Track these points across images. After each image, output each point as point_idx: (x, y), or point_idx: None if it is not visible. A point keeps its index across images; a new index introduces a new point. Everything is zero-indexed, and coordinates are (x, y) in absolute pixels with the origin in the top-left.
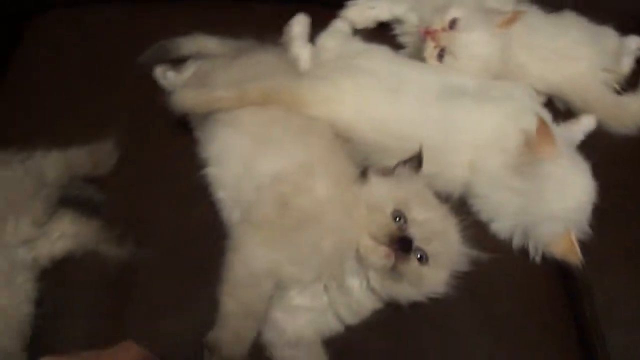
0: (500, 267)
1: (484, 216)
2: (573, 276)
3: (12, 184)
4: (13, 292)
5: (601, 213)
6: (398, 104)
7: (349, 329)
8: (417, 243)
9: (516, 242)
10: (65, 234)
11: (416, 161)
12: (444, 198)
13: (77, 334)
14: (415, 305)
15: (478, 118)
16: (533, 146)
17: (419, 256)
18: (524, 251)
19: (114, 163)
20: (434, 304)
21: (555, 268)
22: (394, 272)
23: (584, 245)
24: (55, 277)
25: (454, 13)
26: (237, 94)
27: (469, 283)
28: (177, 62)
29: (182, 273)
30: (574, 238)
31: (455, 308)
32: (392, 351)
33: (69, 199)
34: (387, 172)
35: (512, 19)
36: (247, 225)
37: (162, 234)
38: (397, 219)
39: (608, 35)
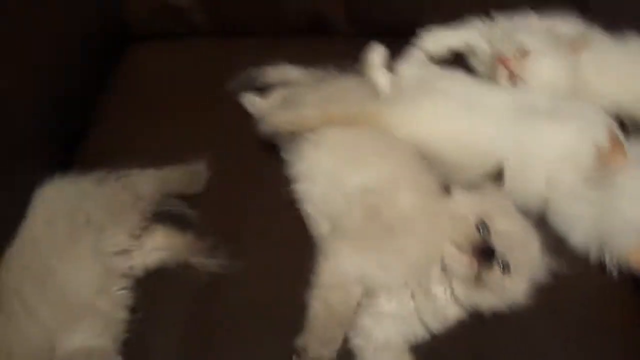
0: (578, 281)
1: (561, 231)
2: None
3: (110, 199)
4: (109, 298)
5: None
6: (473, 121)
7: (434, 337)
8: (499, 253)
9: (594, 256)
10: (158, 247)
11: (499, 176)
12: (523, 214)
13: (168, 340)
14: (497, 317)
15: (552, 135)
16: (605, 157)
17: (501, 266)
18: (601, 265)
19: (205, 182)
20: (515, 315)
21: (632, 282)
22: (477, 280)
23: None
24: (149, 286)
25: (524, 41)
26: (322, 113)
27: (548, 296)
28: (263, 90)
29: (270, 281)
30: None
31: (534, 321)
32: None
33: (163, 215)
34: (471, 186)
35: (581, 44)
36: (338, 235)
37: (251, 247)
38: (481, 229)
39: None
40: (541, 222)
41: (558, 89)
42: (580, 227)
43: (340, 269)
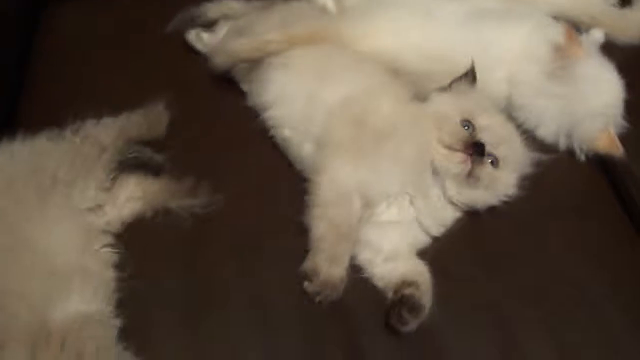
0: (553, 169)
1: (528, 125)
2: (616, 171)
3: (72, 154)
4: (95, 257)
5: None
6: (431, 28)
7: (437, 239)
8: (488, 148)
9: (562, 145)
10: (132, 196)
11: (470, 76)
12: None
13: (167, 296)
14: (490, 210)
15: (507, 33)
16: (563, 50)
17: (490, 160)
18: (570, 152)
19: (167, 124)
20: (506, 207)
21: (599, 164)
22: (470, 177)
23: (621, 138)
24: (132, 240)
25: None
26: (286, 36)
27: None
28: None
29: (258, 213)
30: (613, 133)
31: (524, 210)
32: (478, 256)
33: (130, 163)
34: (445, 89)
35: None
36: (328, 149)
37: (229, 181)
38: (466, 127)
39: None
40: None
41: None
42: (547, 118)
43: (338, 181)
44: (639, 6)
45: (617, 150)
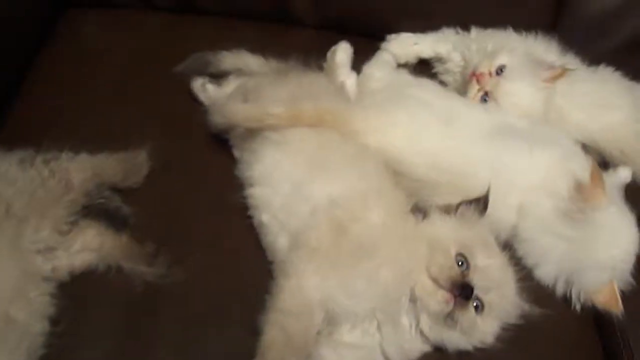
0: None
1: (529, 261)
2: (610, 328)
3: (35, 185)
4: (26, 305)
5: None
6: (450, 138)
7: None
8: (476, 291)
9: (559, 289)
10: (87, 246)
11: (482, 203)
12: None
13: (96, 356)
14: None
15: (529, 160)
16: (585, 192)
17: (475, 305)
18: (565, 298)
19: (145, 175)
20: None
21: (593, 318)
22: (448, 318)
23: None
24: (75, 293)
25: (502, 60)
26: (292, 112)
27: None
28: (216, 77)
29: (215, 296)
30: (617, 288)
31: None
32: None
33: (96, 209)
34: (450, 210)
35: (559, 75)
36: (301, 252)
37: (194, 256)
38: (460, 262)
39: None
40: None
41: (529, 114)
42: (549, 259)
43: (302, 290)
44: None
45: (616, 308)
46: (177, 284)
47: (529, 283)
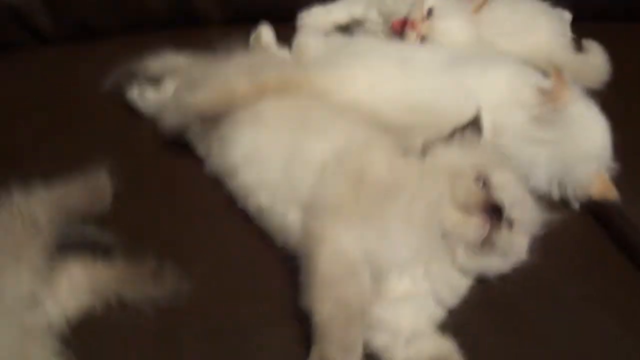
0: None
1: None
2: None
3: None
4: None
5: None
6: (410, 78)
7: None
8: (506, 209)
9: (555, 194)
10: (77, 286)
11: (476, 124)
12: None
13: None
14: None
15: (489, 80)
16: (551, 94)
17: (507, 225)
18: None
19: (111, 196)
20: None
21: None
22: (484, 244)
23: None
24: (80, 344)
25: (430, 2)
26: (257, 84)
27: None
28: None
29: (234, 301)
30: (606, 176)
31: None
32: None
33: (73, 246)
34: (446, 140)
35: (482, 3)
36: (324, 215)
37: (196, 262)
38: (481, 185)
39: (551, 9)
40: None
41: (467, 46)
42: (537, 167)
43: (342, 254)
44: (595, 52)
45: (612, 194)
46: (190, 300)
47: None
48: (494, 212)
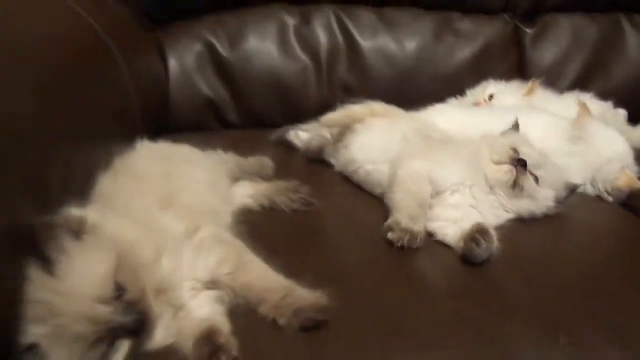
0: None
1: None
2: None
3: None
4: None
5: None
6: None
7: None
8: (529, 167)
9: (590, 192)
10: (244, 193)
11: (515, 126)
12: None
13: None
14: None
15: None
16: (579, 116)
17: (534, 176)
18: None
19: (272, 171)
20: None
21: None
22: (516, 187)
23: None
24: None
25: (490, 90)
26: (366, 109)
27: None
28: None
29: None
30: (629, 171)
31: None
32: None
33: None
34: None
35: (531, 88)
36: (403, 157)
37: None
38: (514, 152)
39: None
40: None
41: None
42: (574, 174)
43: (412, 168)
44: None
45: (637, 183)
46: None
47: None
48: (521, 163)
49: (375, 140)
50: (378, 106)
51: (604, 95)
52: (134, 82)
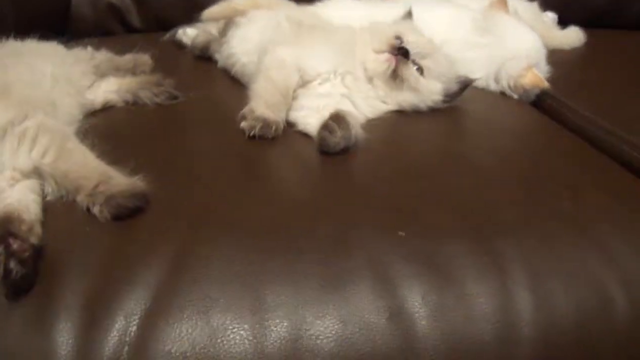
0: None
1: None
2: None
3: None
4: None
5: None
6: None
7: None
8: (413, 56)
9: (493, 88)
10: (109, 87)
11: (407, 15)
12: None
13: None
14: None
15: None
16: (491, 7)
17: (416, 68)
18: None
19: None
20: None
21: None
22: (396, 78)
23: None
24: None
25: None
26: (250, 2)
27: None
28: None
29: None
30: (535, 70)
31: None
32: None
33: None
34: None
35: None
36: (273, 44)
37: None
38: (397, 39)
39: None
40: None
41: None
42: (477, 67)
43: (279, 56)
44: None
45: (542, 83)
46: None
47: None
48: (402, 52)
49: (252, 31)
50: None
51: None
52: None
